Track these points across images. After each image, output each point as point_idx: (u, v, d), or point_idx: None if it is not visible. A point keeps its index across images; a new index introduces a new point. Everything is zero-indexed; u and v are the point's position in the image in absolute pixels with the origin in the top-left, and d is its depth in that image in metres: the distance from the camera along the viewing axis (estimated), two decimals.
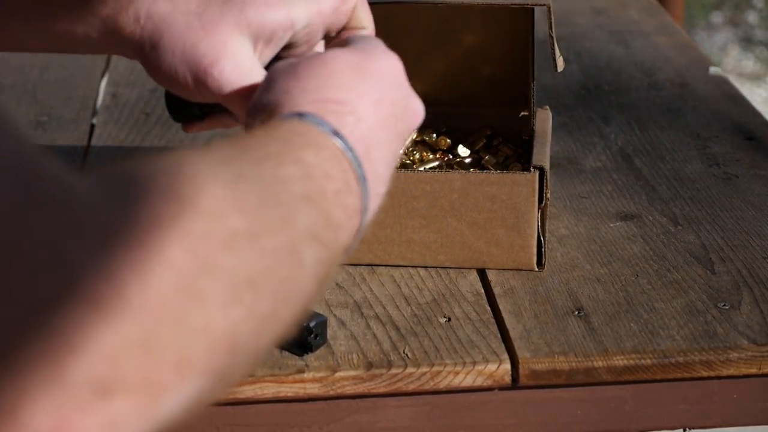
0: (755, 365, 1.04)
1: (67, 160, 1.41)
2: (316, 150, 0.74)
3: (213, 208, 0.60)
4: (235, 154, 0.69)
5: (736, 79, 3.81)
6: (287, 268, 0.65)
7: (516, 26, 1.28)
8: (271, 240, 0.64)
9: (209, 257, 0.59)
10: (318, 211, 0.70)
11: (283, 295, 0.64)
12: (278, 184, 0.68)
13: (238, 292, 0.60)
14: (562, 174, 1.35)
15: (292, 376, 1.00)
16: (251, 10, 0.92)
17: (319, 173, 0.72)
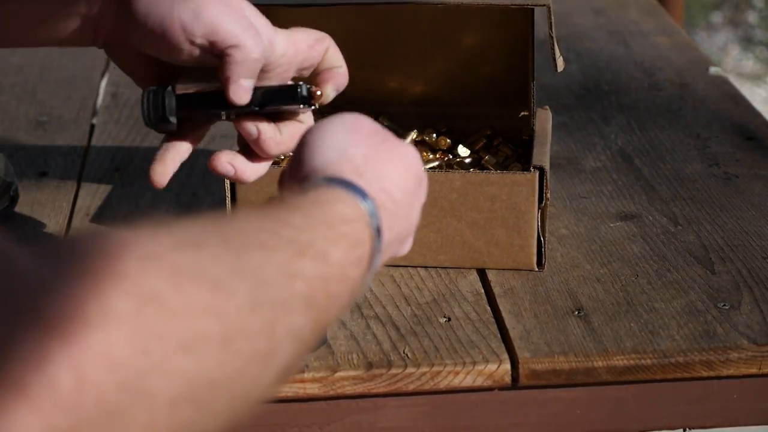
0: (755, 365, 1.04)
1: (67, 160, 1.41)
2: (348, 248, 0.72)
3: (182, 308, 0.57)
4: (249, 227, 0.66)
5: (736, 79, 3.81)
6: (259, 369, 0.62)
7: (516, 26, 1.28)
8: (246, 345, 0.60)
9: (163, 358, 0.55)
10: (315, 315, 0.67)
11: (245, 393, 0.61)
12: (283, 279, 0.65)
13: (194, 393, 0.57)
14: (562, 174, 1.35)
15: (292, 376, 1.00)
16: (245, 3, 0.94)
17: (336, 275, 0.69)
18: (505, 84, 1.31)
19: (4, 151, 1.30)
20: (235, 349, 0.59)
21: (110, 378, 0.53)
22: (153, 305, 0.56)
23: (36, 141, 1.47)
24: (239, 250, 0.63)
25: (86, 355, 0.53)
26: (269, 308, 0.63)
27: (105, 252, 0.57)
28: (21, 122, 1.52)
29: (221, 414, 0.60)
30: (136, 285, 0.56)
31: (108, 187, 1.34)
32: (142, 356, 0.54)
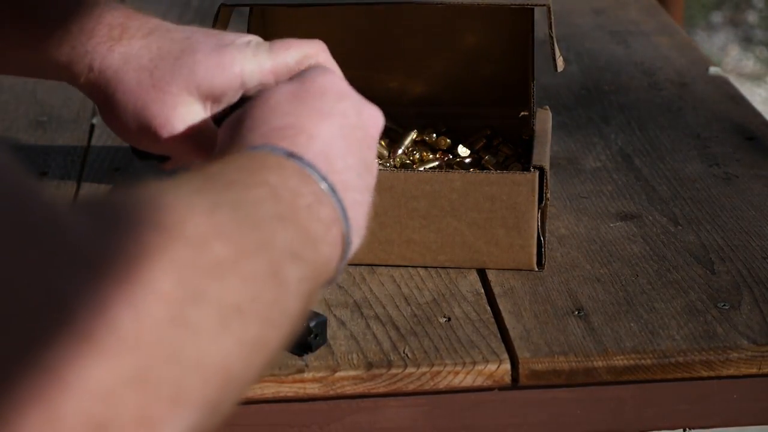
0: (755, 365, 1.04)
1: (67, 160, 1.41)
2: (277, 171, 0.74)
3: (196, 237, 0.60)
4: (202, 183, 0.69)
5: (736, 79, 3.81)
6: (271, 290, 0.65)
7: (516, 26, 1.28)
8: (252, 264, 0.63)
9: (197, 286, 0.58)
10: (293, 228, 0.70)
11: (270, 319, 0.64)
12: (250, 207, 0.68)
13: (226, 320, 0.59)
14: (562, 174, 1.35)
15: (292, 376, 1.00)
16: (201, 71, 0.93)
17: (285, 192, 0.72)
18: (505, 84, 1.31)
19: None
20: (245, 271, 0.62)
21: (163, 313, 0.56)
22: (177, 236, 0.59)
23: (36, 141, 1.47)
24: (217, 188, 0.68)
25: (142, 293, 0.55)
26: (258, 227, 0.66)
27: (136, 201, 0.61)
28: (21, 122, 1.52)
29: (258, 344, 0.62)
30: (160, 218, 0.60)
31: (108, 187, 1.34)
32: (182, 287, 0.57)
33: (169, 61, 0.93)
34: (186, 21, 1.84)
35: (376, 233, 1.15)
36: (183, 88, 0.93)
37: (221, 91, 0.93)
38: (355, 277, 1.15)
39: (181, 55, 0.94)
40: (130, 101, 0.93)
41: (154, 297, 0.56)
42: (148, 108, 0.93)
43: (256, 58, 0.93)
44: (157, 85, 0.93)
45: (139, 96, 0.93)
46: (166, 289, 0.56)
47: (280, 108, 0.82)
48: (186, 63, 0.93)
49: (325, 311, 1.08)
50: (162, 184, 0.65)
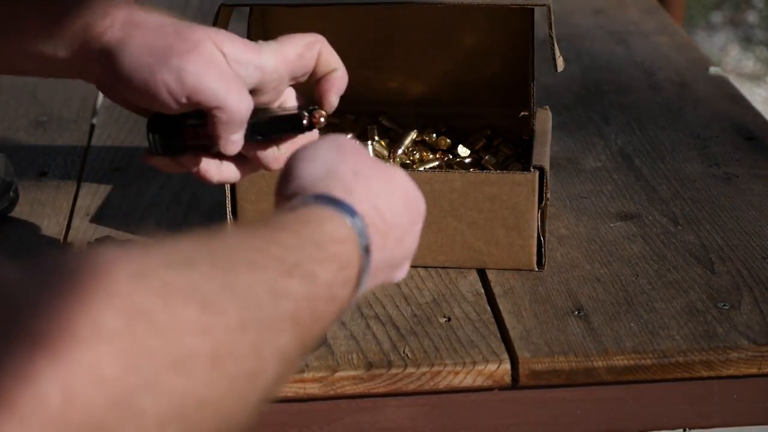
0: (755, 365, 1.04)
1: (67, 160, 1.41)
2: (337, 269, 0.72)
3: (172, 326, 0.57)
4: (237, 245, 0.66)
5: (736, 79, 3.81)
6: (246, 389, 0.62)
7: (516, 26, 1.28)
8: (234, 366, 0.60)
9: (154, 376, 0.55)
10: (301, 335, 0.67)
11: (232, 413, 0.61)
12: (270, 298, 0.64)
13: (182, 412, 0.57)
14: (562, 174, 1.35)
15: (292, 376, 1.00)
16: (225, 37, 0.93)
17: (324, 295, 0.69)
18: (505, 84, 1.31)
19: (4, 151, 1.30)
20: (224, 369, 0.60)
21: (100, 395, 0.53)
22: (143, 322, 0.56)
23: (36, 141, 1.47)
24: (228, 269, 0.63)
25: (76, 372, 0.52)
26: (257, 328, 0.63)
27: (95, 268, 0.57)
28: (21, 122, 1.52)
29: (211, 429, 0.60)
30: (126, 302, 0.56)
31: (108, 187, 1.34)
32: (132, 374, 0.54)
33: (193, 24, 0.93)
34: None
35: None
36: (207, 38, 0.92)
37: (243, 61, 0.92)
38: None
39: (202, 26, 0.94)
40: (148, 41, 0.91)
41: (93, 380, 0.53)
42: (171, 44, 0.90)
43: (269, 46, 0.95)
44: (180, 32, 0.91)
45: (161, 37, 0.91)
46: (112, 375, 0.54)
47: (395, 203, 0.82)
48: (210, 28, 0.94)
49: None
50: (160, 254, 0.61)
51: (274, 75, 0.95)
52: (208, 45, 0.92)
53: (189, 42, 0.91)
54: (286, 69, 0.95)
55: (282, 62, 0.95)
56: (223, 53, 0.92)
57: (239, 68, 0.93)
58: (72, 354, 0.53)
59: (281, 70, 0.95)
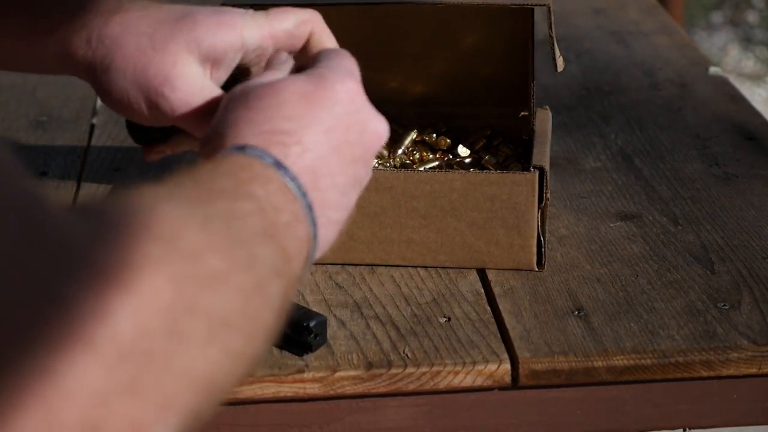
0: (755, 365, 1.04)
1: (67, 160, 1.41)
2: (263, 183, 0.74)
3: (192, 248, 0.62)
4: (194, 191, 0.70)
5: (736, 79, 3.81)
6: (256, 305, 0.66)
7: (516, 26, 1.28)
8: (242, 278, 0.65)
9: (192, 298, 0.59)
10: (276, 245, 0.71)
11: (252, 332, 0.65)
12: (238, 220, 0.69)
13: (215, 332, 0.61)
14: (562, 174, 1.35)
15: (292, 376, 1.00)
16: (201, 30, 0.92)
17: (269, 206, 0.73)
18: (505, 84, 1.31)
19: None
20: (236, 284, 0.64)
21: (161, 323, 0.57)
22: (175, 248, 0.60)
23: (36, 141, 1.47)
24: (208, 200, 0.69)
25: (144, 303, 0.56)
26: (247, 242, 0.67)
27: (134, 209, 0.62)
28: (21, 122, 1.52)
29: (240, 357, 0.64)
30: (159, 228, 0.61)
31: (108, 187, 1.34)
32: (179, 299, 0.58)
33: (168, 24, 0.93)
34: None
35: (376, 233, 1.15)
36: (183, 47, 0.92)
37: (222, 49, 0.92)
38: (355, 277, 1.15)
39: (181, 17, 0.93)
40: (129, 65, 0.92)
41: (154, 307, 0.57)
42: (148, 68, 0.91)
43: (254, 21, 0.93)
44: (156, 46, 0.92)
45: (138, 59, 0.92)
46: (165, 301, 0.57)
47: (286, 108, 0.80)
48: (186, 23, 0.92)
49: (325, 311, 1.08)
50: (157, 191, 0.66)
51: (258, 51, 0.94)
52: (182, 67, 0.92)
53: (163, 68, 0.91)
54: (271, 45, 0.94)
55: (268, 38, 0.93)
56: (203, 49, 0.92)
57: (220, 56, 0.93)
58: (135, 284, 0.56)
59: (266, 45, 0.94)
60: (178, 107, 0.92)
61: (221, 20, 0.93)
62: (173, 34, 0.92)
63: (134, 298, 0.56)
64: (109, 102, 0.95)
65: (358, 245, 1.15)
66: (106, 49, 0.93)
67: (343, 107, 0.82)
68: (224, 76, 0.94)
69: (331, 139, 0.81)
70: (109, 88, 0.94)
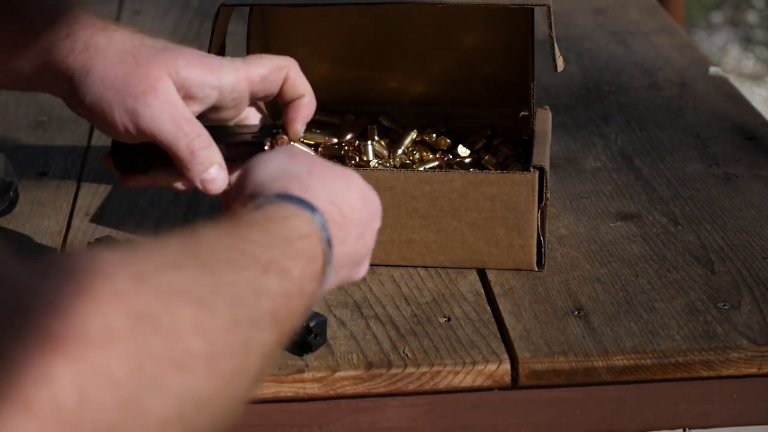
0: (755, 365, 1.04)
1: (67, 160, 1.41)
2: (306, 264, 0.75)
3: (173, 327, 0.59)
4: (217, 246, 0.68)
5: (736, 79, 3.81)
6: (236, 386, 0.64)
7: (516, 26, 1.28)
8: (227, 363, 0.63)
9: (158, 376, 0.57)
10: (279, 331, 0.69)
11: (225, 411, 0.64)
12: (253, 296, 0.67)
13: (182, 411, 0.59)
14: (562, 174, 1.35)
15: (292, 376, 1.00)
16: (183, 61, 0.94)
17: (296, 290, 0.72)
18: (505, 84, 1.31)
19: (4, 151, 1.30)
20: (219, 367, 0.62)
21: (111, 396, 0.55)
22: (147, 324, 0.58)
23: (36, 141, 1.47)
24: (213, 269, 0.66)
25: (89, 374, 0.54)
26: (244, 326, 0.65)
27: (98, 270, 0.58)
28: (21, 122, 1.52)
29: (207, 427, 0.62)
30: (131, 303, 0.58)
31: (108, 187, 1.34)
32: (139, 375, 0.56)
33: (152, 50, 0.94)
34: (186, 21, 1.84)
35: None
36: (164, 70, 0.93)
37: (198, 84, 0.94)
38: None
39: (164, 48, 0.95)
40: (110, 73, 0.93)
41: (104, 381, 0.55)
42: (130, 77, 0.92)
43: (233, 64, 0.96)
44: (139, 63, 0.93)
45: (121, 68, 0.93)
46: (121, 376, 0.55)
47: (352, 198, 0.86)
48: (169, 53, 0.95)
49: (325, 311, 1.08)
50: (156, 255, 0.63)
51: (234, 94, 0.97)
52: (163, 84, 0.93)
53: (145, 80, 0.93)
54: (246, 89, 0.97)
55: (243, 82, 0.96)
56: (180, 79, 0.94)
57: (196, 90, 0.94)
58: (85, 355, 0.54)
59: (241, 89, 0.97)
60: (158, 116, 0.93)
61: (202, 60, 0.96)
62: (156, 57, 0.94)
63: (80, 369, 0.54)
64: (82, 109, 0.95)
65: None
66: (89, 56, 0.94)
67: (377, 224, 0.89)
68: (197, 111, 0.96)
69: (357, 242, 0.85)
70: (84, 93, 0.94)
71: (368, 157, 1.26)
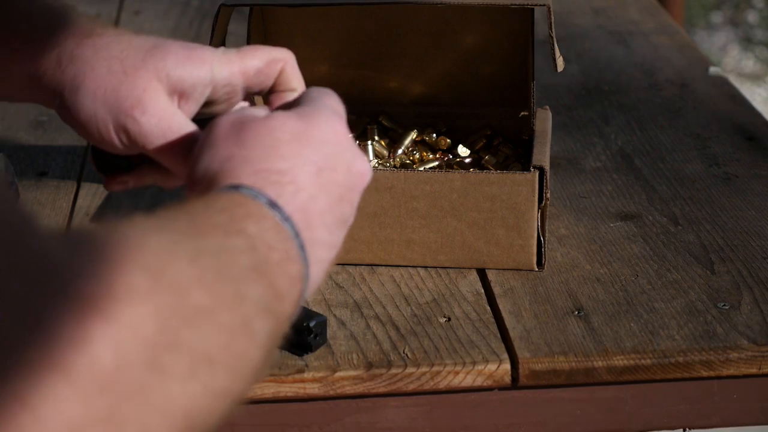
0: (755, 365, 1.04)
1: (67, 160, 1.41)
2: (256, 221, 0.74)
3: (179, 283, 0.61)
4: (186, 225, 0.69)
5: (736, 79, 3.81)
6: (241, 342, 0.65)
7: (516, 26, 1.28)
8: (227, 315, 0.64)
9: (175, 332, 0.59)
10: (266, 282, 0.70)
11: (236, 370, 0.65)
12: (228, 256, 0.68)
13: (196, 368, 0.60)
14: (562, 174, 1.35)
15: (292, 376, 1.00)
16: (172, 61, 0.92)
17: (262, 244, 0.72)
18: (505, 84, 1.31)
19: (4, 151, 1.30)
20: (220, 321, 0.63)
21: (142, 355, 0.56)
22: (162, 281, 0.60)
23: (36, 141, 1.47)
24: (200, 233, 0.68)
25: (124, 333, 0.55)
26: (236, 278, 0.67)
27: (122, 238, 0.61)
28: (21, 122, 1.52)
29: (223, 394, 0.63)
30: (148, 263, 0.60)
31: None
32: (162, 332, 0.58)
33: (140, 52, 0.92)
34: (186, 21, 1.84)
35: (376, 233, 1.15)
36: (153, 75, 0.92)
37: (190, 83, 0.92)
38: (355, 277, 1.15)
39: (152, 47, 0.93)
40: (100, 87, 0.91)
41: (136, 339, 0.56)
42: (118, 90, 0.91)
43: (225, 57, 0.93)
44: (127, 71, 0.91)
45: (109, 81, 0.91)
46: (148, 333, 0.57)
47: (280, 148, 0.81)
48: (157, 53, 0.92)
49: (325, 311, 1.08)
50: (147, 222, 0.65)
51: (227, 88, 0.94)
52: (151, 95, 0.91)
53: (134, 92, 0.91)
54: (240, 83, 0.94)
55: (238, 75, 0.94)
56: (172, 81, 0.92)
57: (189, 90, 0.93)
58: (118, 314, 0.55)
59: (235, 83, 0.94)
60: (148, 131, 0.91)
61: (192, 54, 0.93)
62: (144, 61, 0.92)
63: (115, 328, 0.55)
64: (75, 125, 0.94)
65: (358, 245, 1.15)
66: (77, 69, 0.92)
67: (331, 147, 0.83)
68: (193, 110, 0.94)
69: (321, 179, 0.81)
70: (77, 109, 0.92)
71: (368, 157, 1.26)
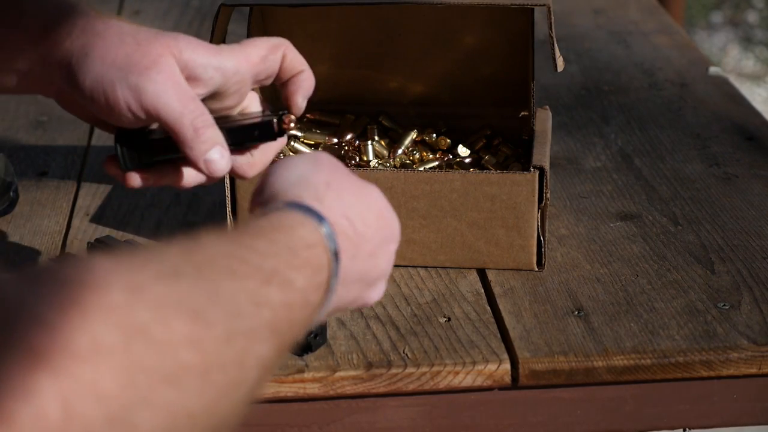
0: (755, 365, 1.04)
1: (67, 160, 1.41)
2: (310, 274, 0.73)
3: (166, 340, 0.58)
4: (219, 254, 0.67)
5: (736, 79, 3.81)
6: (230, 399, 0.63)
7: (516, 26, 1.28)
8: (221, 376, 0.62)
9: (149, 390, 0.56)
10: (279, 343, 0.68)
11: (219, 422, 0.62)
12: (252, 308, 0.66)
13: (174, 425, 0.58)
14: (562, 174, 1.35)
15: (292, 376, 1.00)
16: (183, 43, 0.93)
17: (299, 301, 0.71)
18: (505, 84, 1.31)
19: (4, 151, 1.30)
20: (212, 380, 0.61)
21: (98, 411, 0.54)
22: (139, 337, 0.56)
23: (36, 141, 1.47)
24: (213, 279, 0.65)
25: (75, 388, 0.53)
26: (241, 338, 0.64)
27: (90, 281, 0.57)
28: (21, 122, 1.52)
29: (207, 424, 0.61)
30: (123, 317, 0.57)
31: (108, 187, 1.34)
32: (129, 389, 0.55)
33: (151, 32, 0.93)
34: (186, 21, 1.84)
35: None
36: (166, 50, 0.92)
37: (201, 63, 0.92)
38: None
39: (163, 33, 0.93)
40: (110, 53, 0.90)
41: (89, 395, 0.54)
42: (131, 57, 0.90)
43: (230, 48, 0.95)
44: (140, 43, 0.91)
45: (121, 48, 0.91)
46: (107, 389, 0.54)
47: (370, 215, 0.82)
48: (168, 36, 0.93)
49: None
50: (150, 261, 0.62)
51: (236, 77, 0.95)
52: (167, 61, 0.91)
53: (148, 57, 0.91)
54: (248, 71, 0.95)
55: (244, 64, 0.95)
56: (183, 59, 0.92)
57: (199, 71, 0.93)
58: (71, 369, 0.53)
59: (243, 72, 0.95)
60: (163, 91, 0.90)
61: (200, 42, 0.94)
62: (157, 38, 0.92)
63: (66, 383, 0.53)
64: (80, 97, 0.92)
65: None
66: (87, 40, 0.91)
67: (394, 245, 0.85)
68: (202, 95, 0.94)
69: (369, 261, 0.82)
70: (83, 75, 0.91)
71: (368, 157, 1.26)
